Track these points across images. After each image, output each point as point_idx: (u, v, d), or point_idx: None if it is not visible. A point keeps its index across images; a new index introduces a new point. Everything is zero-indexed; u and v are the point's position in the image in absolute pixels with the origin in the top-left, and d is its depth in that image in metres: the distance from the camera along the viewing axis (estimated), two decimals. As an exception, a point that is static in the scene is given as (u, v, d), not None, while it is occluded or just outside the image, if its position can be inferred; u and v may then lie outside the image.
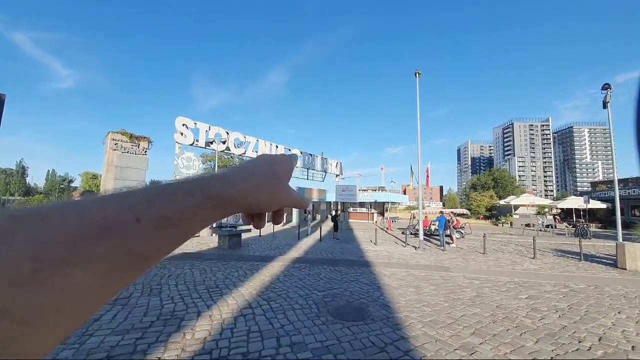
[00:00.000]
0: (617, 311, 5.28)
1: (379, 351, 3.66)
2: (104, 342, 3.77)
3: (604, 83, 10.77)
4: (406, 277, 7.62)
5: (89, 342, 3.76)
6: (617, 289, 6.75)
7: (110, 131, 14.23)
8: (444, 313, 5.05)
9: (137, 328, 4.19)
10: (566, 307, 5.46)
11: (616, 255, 9.56)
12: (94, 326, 4.21)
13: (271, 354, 3.55)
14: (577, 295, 6.24)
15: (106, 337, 3.90)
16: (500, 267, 9.19)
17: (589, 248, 13.32)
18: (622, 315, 5.07)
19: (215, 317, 4.66)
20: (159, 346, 3.70)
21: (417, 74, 14.59)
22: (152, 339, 3.89)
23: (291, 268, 8.43)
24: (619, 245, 9.38)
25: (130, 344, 3.72)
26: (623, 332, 4.39)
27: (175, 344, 3.77)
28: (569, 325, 4.62)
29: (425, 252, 11.96)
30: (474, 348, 3.81)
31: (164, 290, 6.05)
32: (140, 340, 3.82)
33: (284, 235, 17.10)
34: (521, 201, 31.04)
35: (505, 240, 16.84)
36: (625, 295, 6.27)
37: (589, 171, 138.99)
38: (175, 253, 10.44)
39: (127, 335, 3.95)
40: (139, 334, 4.02)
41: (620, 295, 6.31)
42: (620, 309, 5.38)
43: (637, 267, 8.81)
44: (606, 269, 9.11)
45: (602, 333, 4.34)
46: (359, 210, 35.31)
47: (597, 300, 5.91)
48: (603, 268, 9.20)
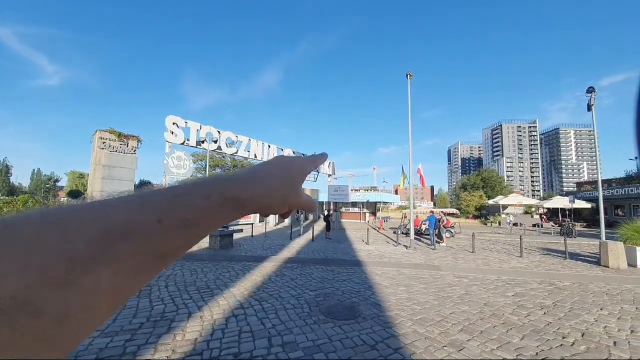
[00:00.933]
0: (599, 307, 5.46)
1: (369, 349, 3.70)
2: (93, 344, 3.71)
3: (589, 86, 11.08)
4: (397, 276, 7.70)
5: (77, 344, 3.69)
6: (600, 286, 6.97)
7: (98, 129, 13.93)
8: (433, 311, 5.13)
9: (126, 330, 4.14)
10: (551, 304, 5.61)
11: (600, 253, 9.86)
12: (81, 328, 4.14)
13: (262, 353, 3.55)
14: (561, 293, 6.42)
15: (94, 339, 3.83)
16: (489, 265, 9.37)
17: (574, 247, 13.68)
18: (604, 312, 5.24)
19: (206, 318, 4.63)
20: (148, 348, 3.66)
21: (408, 76, 14.74)
22: (141, 340, 3.84)
23: (283, 268, 8.42)
24: (602, 243, 9.68)
25: (120, 346, 3.68)
26: (605, 327, 4.54)
27: (166, 345, 3.74)
28: (554, 321, 4.76)
29: (416, 251, 12.10)
30: (462, 344, 3.89)
31: (154, 291, 5.98)
32: (130, 342, 3.78)
33: (276, 235, 17.05)
34: (509, 201, 31.68)
35: (493, 239, 17.16)
36: (608, 292, 6.48)
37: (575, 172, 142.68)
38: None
39: (116, 337, 3.90)
40: (128, 335, 3.97)
41: (603, 292, 6.52)
42: (602, 306, 5.57)
43: (619, 264, 9.11)
44: (590, 266, 9.39)
45: (585, 329, 4.48)
46: (351, 210, 35.47)
47: (580, 297, 6.09)
48: (587, 266, 9.48)
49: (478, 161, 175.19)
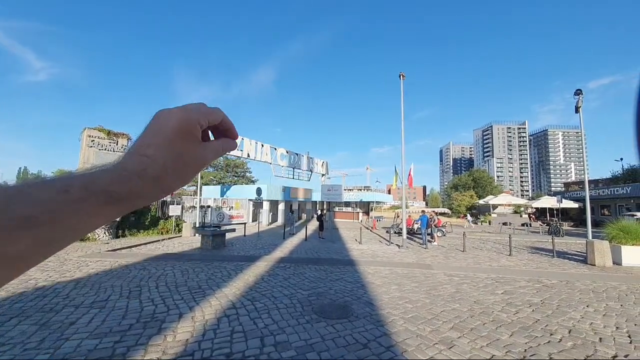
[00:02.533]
0: (586, 305, 5.59)
1: (362, 348, 3.72)
2: (81, 345, 3.64)
3: (576, 89, 11.31)
4: (389, 274, 7.75)
5: (65, 346, 3.62)
6: (586, 284, 7.14)
7: (87, 127, 13.67)
8: (425, 309, 5.19)
9: (115, 331, 4.07)
10: (539, 302, 5.73)
11: (586, 252, 10.10)
12: (69, 330, 4.06)
13: (255, 353, 3.53)
14: (549, 290, 6.55)
15: (83, 340, 3.77)
16: (479, 264, 9.51)
17: (561, 245, 13.99)
18: (590, 309, 5.37)
19: (197, 319, 4.59)
20: (138, 349, 3.61)
21: (401, 76, 14.83)
22: (131, 342, 3.78)
23: (276, 268, 8.39)
24: (589, 242, 9.91)
25: (109, 348, 3.61)
26: (591, 324, 4.65)
27: (156, 346, 3.69)
28: (542, 318, 4.86)
29: (408, 250, 12.20)
30: (452, 342, 3.94)
31: (144, 292, 5.89)
32: (119, 344, 3.72)
33: (270, 235, 17.00)
34: (499, 201, 32.20)
35: (483, 238, 17.41)
36: (594, 290, 6.64)
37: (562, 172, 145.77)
38: (155, 254, 10.18)
39: (105, 339, 3.83)
40: (118, 337, 3.90)
41: (589, 290, 6.68)
42: (588, 303, 5.70)
43: (604, 263, 9.34)
44: (577, 265, 9.60)
45: (572, 326, 4.58)
46: (344, 210, 35.57)
47: (568, 295, 6.23)
48: (574, 264, 9.70)
49: (469, 161, 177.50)
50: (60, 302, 5.22)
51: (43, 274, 7.13)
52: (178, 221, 16.95)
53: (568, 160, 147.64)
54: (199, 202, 17.87)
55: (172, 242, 13.29)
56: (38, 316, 4.55)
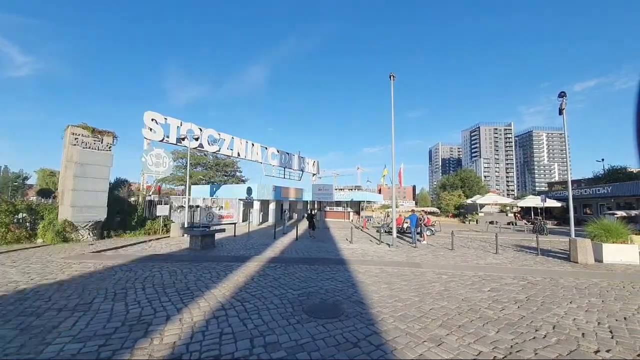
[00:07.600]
0: (569, 301, 5.75)
1: (352, 347, 3.72)
2: (64, 350, 3.52)
3: (560, 91, 11.64)
4: (379, 273, 7.80)
5: (47, 350, 3.50)
6: (569, 281, 7.35)
7: (70, 125, 13.26)
8: (414, 307, 5.24)
9: (99, 335, 3.96)
10: (524, 299, 5.86)
11: (569, 250, 10.40)
12: (52, 334, 3.92)
13: (244, 355, 3.49)
14: (534, 287, 6.72)
15: (65, 345, 3.65)
16: (466, 262, 9.68)
17: (545, 243, 14.37)
18: (573, 305, 5.53)
19: (185, 321, 4.51)
20: (124, 353, 3.51)
21: (391, 77, 14.96)
22: (116, 345, 3.68)
23: (266, 268, 8.34)
24: (572, 240, 10.21)
25: (93, 351, 3.51)
26: (574, 320, 4.79)
27: (142, 349, 3.61)
28: (527, 315, 4.97)
29: (398, 249, 12.32)
30: (441, 339, 3.99)
31: (130, 294, 5.76)
32: (104, 347, 3.61)
33: (260, 235, 16.87)
34: (486, 200, 32.80)
35: (471, 237, 17.73)
36: (577, 287, 6.84)
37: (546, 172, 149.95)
38: (142, 255, 9.98)
39: (89, 343, 3.72)
40: (102, 340, 3.79)
41: (572, 286, 6.88)
42: (572, 299, 5.87)
43: (587, 260, 9.64)
44: (561, 262, 9.88)
45: (556, 322, 4.70)
46: (335, 209, 35.65)
47: (552, 292, 6.39)
48: (558, 262, 9.97)
49: (458, 162, 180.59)
50: (42, 305, 5.05)
51: (24, 276, 6.89)
52: (166, 221, 16.64)
53: (552, 160, 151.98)
54: (187, 202, 17.57)
55: (159, 243, 13.04)
56: (18, 320, 4.38)
